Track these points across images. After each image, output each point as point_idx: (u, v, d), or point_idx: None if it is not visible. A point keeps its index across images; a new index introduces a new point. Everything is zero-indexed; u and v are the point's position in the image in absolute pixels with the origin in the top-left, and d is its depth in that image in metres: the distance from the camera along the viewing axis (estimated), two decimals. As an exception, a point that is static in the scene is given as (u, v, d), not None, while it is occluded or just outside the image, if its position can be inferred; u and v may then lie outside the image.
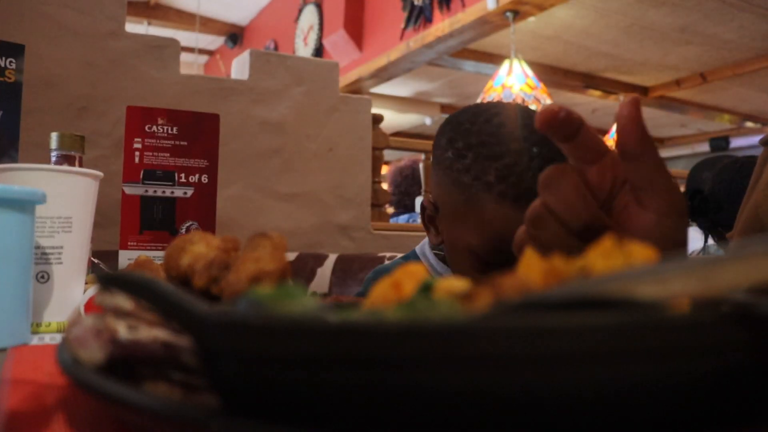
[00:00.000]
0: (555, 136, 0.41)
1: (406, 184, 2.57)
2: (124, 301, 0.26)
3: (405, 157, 2.74)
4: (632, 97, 0.41)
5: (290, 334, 0.18)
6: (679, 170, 3.32)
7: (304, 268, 1.52)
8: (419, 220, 2.35)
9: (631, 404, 0.17)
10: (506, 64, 3.92)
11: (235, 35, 6.02)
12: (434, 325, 0.16)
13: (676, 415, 0.17)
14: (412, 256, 0.95)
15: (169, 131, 0.67)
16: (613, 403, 0.17)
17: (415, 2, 3.90)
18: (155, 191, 0.66)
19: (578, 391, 0.16)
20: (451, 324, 0.16)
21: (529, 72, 3.90)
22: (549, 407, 0.16)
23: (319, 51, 4.73)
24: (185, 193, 0.67)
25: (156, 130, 0.67)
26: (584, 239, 0.40)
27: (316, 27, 4.78)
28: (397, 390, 0.17)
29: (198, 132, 0.68)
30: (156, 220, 0.66)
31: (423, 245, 0.94)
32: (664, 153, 7.56)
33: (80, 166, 0.70)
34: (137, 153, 0.66)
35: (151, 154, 0.67)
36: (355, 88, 4.65)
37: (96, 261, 0.78)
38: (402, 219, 2.54)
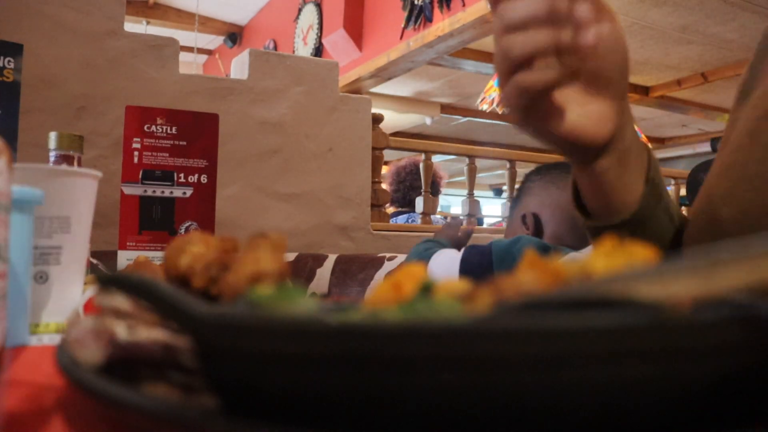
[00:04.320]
0: None
1: (411, 179, 2.62)
2: (123, 302, 0.26)
3: (404, 158, 2.79)
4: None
5: (289, 334, 0.17)
6: (680, 170, 3.32)
7: (303, 269, 1.52)
8: (419, 220, 2.38)
9: (632, 405, 0.17)
10: (506, 63, 3.91)
11: (234, 35, 6.02)
12: (434, 326, 0.16)
13: (677, 416, 0.17)
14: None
15: (168, 131, 0.67)
16: (614, 403, 0.16)
17: (415, 1, 3.90)
18: (154, 191, 0.66)
19: (579, 392, 0.16)
20: (451, 325, 0.16)
21: (529, 72, 3.89)
22: (550, 408, 0.16)
23: (318, 51, 4.73)
24: (184, 193, 0.67)
25: (155, 130, 0.67)
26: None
27: (315, 26, 4.78)
28: (396, 391, 0.16)
29: (197, 132, 0.68)
30: (155, 221, 0.66)
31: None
32: (665, 153, 7.56)
33: (79, 165, 0.70)
34: (136, 153, 0.66)
35: (150, 154, 0.66)
36: (355, 88, 4.64)
37: (95, 261, 0.78)
38: (401, 219, 2.55)
